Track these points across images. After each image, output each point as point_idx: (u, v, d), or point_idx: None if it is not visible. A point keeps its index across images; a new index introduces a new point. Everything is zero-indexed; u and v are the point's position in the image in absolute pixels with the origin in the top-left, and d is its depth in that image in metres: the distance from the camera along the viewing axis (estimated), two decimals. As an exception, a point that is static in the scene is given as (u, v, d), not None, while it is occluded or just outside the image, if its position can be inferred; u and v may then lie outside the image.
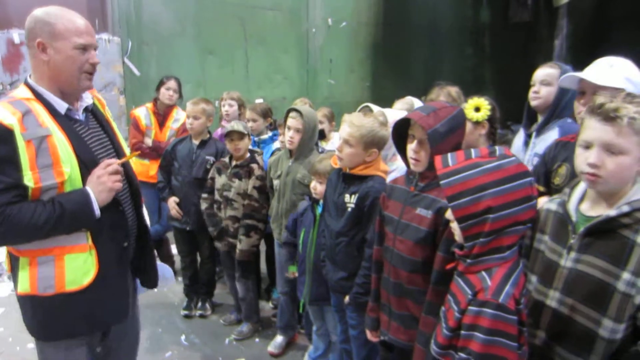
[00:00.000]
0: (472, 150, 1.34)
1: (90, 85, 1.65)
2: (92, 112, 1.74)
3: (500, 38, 6.90)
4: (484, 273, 1.30)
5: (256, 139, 3.56)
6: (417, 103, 2.92)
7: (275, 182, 2.88)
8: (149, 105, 3.93)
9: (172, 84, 3.88)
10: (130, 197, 1.78)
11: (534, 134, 2.33)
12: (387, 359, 2.17)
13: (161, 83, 3.90)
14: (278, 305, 3.18)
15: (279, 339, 3.11)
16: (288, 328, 3.11)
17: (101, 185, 1.54)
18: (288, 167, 2.77)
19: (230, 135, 2.97)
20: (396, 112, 2.40)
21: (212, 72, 5.33)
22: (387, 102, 2.95)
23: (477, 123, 2.18)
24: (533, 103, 2.32)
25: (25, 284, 1.55)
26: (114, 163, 1.59)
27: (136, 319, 1.96)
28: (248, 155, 3.06)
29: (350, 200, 2.11)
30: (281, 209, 2.82)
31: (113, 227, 1.65)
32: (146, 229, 1.86)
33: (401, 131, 1.79)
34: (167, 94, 3.86)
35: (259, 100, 5.11)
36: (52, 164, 1.47)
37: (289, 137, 2.66)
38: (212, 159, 3.22)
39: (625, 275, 1.20)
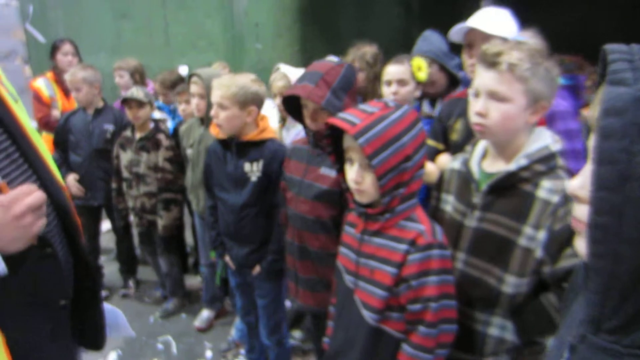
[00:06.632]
0: (365, 106, 1.29)
1: None
2: None
3: (429, -3, 6.92)
4: (403, 222, 1.28)
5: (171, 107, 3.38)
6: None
7: (189, 152, 2.74)
8: (49, 74, 3.61)
9: (67, 47, 3.59)
10: (58, 226, 1.10)
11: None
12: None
13: (55, 49, 3.58)
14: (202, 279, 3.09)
15: (205, 313, 3.03)
16: (214, 301, 3.04)
17: (19, 230, 0.90)
18: (200, 135, 2.63)
19: (128, 102, 2.77)
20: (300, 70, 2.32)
21: (127, 38, 4.97)
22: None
23: (417, 83, 2.19)
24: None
25: None
26: (36, 188, 0.94)
27: None
28: (152, 125, 2.87)
29: (253, 168, 1.99)
30: (196, 179, 2.69)
31: (37, 283, 1.02)
32: (89, 269, 1.20)
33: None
34: (65, 60, 3.56)
35: (183, 67, 4.82)
36: None
37: (194, 104, 2.52)
38: (111, 127, 3.01)
39: (526, 230, 1.20)
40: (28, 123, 1.11)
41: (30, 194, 0.92)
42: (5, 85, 1.11)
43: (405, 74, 2.17)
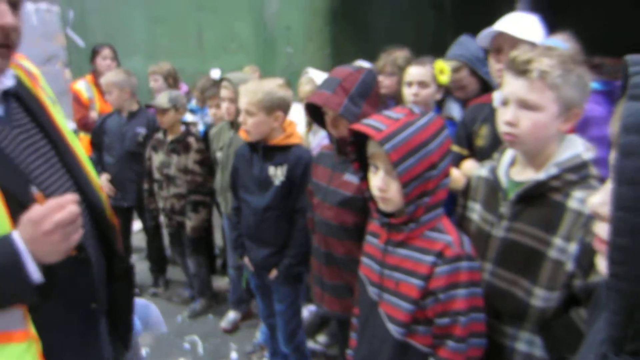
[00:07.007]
0: (390, 112, 1.27)
1: (2, 65, 0.98)
2: (17, 96, 1.04)
3: (461, 0, 6.81)
4: (429, 232, 1.25)
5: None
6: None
7: (218, 155, 2.78)
8: (88, 77, 3.74)
9: (107, 52, 3.73)
10: (92, 229, 1.12)
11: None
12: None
13: (95, 53, 3.72)
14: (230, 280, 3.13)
15: (232, 314, 3.06)
16: (241, 303, 3.06)
17: (50, 246, 0.90)
18: (230, 139, 2.66)
19: (153, 106, 2.87)
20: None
21: (162, 42, 5.09)
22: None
23: (439, 86, 2.17)
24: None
25: None
26: (70, 201, 0.92)
27: None
28: (183, 128, 2.93)
29: (277, 172, 2.01)
30: (225, 181, 2.72)
31: (69, 287, 1.03)
32: (124, 271, 1.23)
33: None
34: (104, 64, 3.69)
35: (215, 71, 4.89)
36: None
37: (225, 108, 2.55)
38: (143, 130, 3.09)
39: (557, 242, 1.15)
40: (65, 125, 1.17)
41: (62, 209, 0.90)
42: (44, 89, 1.18)
43: (426, 76, 2.14)
